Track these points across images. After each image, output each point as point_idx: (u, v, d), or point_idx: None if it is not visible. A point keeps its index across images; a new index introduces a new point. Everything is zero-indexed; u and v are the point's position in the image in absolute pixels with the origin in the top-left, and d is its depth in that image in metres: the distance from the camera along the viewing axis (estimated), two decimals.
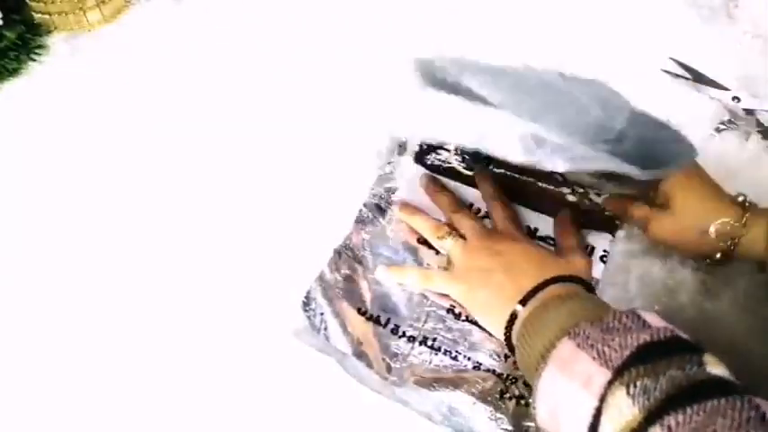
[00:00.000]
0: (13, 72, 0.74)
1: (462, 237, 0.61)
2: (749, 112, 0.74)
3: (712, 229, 0.58)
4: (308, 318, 0.60)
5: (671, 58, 0.78)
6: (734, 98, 0.74)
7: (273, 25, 0.80)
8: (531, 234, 0.65)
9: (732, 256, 0.58)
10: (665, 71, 0.77)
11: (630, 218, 0.63)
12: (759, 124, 0.73)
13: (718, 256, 0.59)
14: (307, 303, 0.61)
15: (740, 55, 0.79)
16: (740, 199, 0.59)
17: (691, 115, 0.74)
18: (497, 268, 0.57)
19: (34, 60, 0.76)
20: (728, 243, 0.58)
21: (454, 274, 0.60)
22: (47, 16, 0.77)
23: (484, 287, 0.57)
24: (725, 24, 0.81)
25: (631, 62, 0.78)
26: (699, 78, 0.76)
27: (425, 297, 0.62)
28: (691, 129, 0.72)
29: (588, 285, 0.56)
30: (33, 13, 0.78)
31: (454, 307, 0.61)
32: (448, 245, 0.61)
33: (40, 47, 0.76)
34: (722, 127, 0.73)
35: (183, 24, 0.79)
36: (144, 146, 0.70)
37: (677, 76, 0.77)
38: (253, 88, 0.75)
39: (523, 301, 0.54)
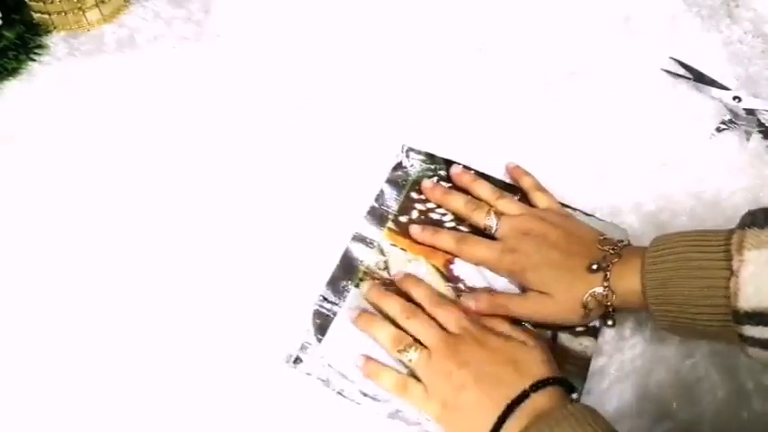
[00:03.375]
0: (13, 72, 0.74)
1: (424, 346, 0.57)
2: (750, 111, 0.74)
3: (583, 309, 0.58)
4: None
5: (671, 58, 0.78)
6: (735, 98, 0.74)
7: (279, 25, 0.80)
8: None
9: (613, 314, 0.58)
10: (666, 71, 0.77)
11: (514, 315, 0.60)
12: (760, 124, 0.73)
13: (609, 321, 0.58)
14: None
15: (741, 54, 0.79)
16: (594, 267, 0.57)
17: (691, 115, 0.74)
18: (468, 383, 0.54)
19: (34, 60, 0.75)
20: (607, 307, 0.57)
21: (427, 391, 0.55)
22: (46, 16, 0.77)
23: (459, 409, 0.54)
24: (725, 24, 0.81)
25: (631, 62, 0.78)
26: (699, 78, 0.76)
27: None
28: (691, 128, 0.73)
29: (568, 385, 0.54)
30: (33, 13, 0.77)
31: None
32: (411, 358, 0.56)
33: (39, 46, 0.76)
34: (723, 127, 0.73)
35: (182, 24, 0.79)
36: (145, 147, 0.70)
37: (678, 75, 0.77)
38: (253, 89, 0.74)
39: (503, 418, 0.51)
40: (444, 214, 0.67)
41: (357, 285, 0.62)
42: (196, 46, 0.77)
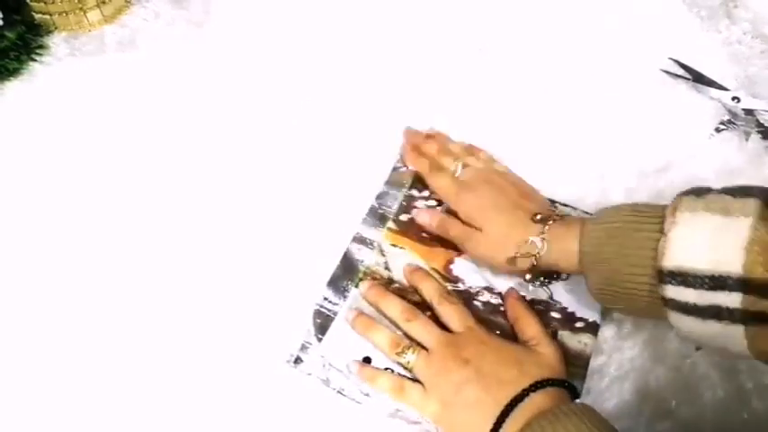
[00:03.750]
0: (14, 72, 0.74)
1: (424, 347, 0.57)
2: (749, 112, 0.74)
3: (515, 250, 0.59)
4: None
5: (671, 59, 0.78)
6: (734, 98, 0.74)
7: (279, 26, 0.80)
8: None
9: (537, 270, 0.60)
10: (665, 71, 0.77)
11: (451, 238, 0.63)
12: (759, 124, 0.73)
13: (527, 273, 0.60)
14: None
15: (740, 55, 0.79)
16: (538, 217, 0.60)
17: (690, 115, 0.74)
18: (469, 380, 0.54)
19: (35, 60, 0.75)
20: (532, 259, 0.59)
21: (427, 391, 0.55)
22: (47, 16, 0.77)
23: (458, 407, 0.54)
24: (725, 24, 0.81)
25: (631, 62, 0.78)
26: (698, 78, 0.76)
27: None
28: (690, 129, 0.73)
29: (570, 386, 0.54)
30: (34, 14, 0.77)
31: None
32: (409, 360, 0.56)
33: (40, 47, 0.76)
34: (722, 127, 0.73)
35: (183, 24, 0.79)
36: (145, 147, 0.70)
37: (677, 76, 0.77)
38: (253, 90, 0.75)
39: (503, 416, 0.52)
40: (450, 214, 0.66)
41: (357, 285, 0.63)
42: (197, 46, 0.78)
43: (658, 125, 0.73)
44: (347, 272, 0.63)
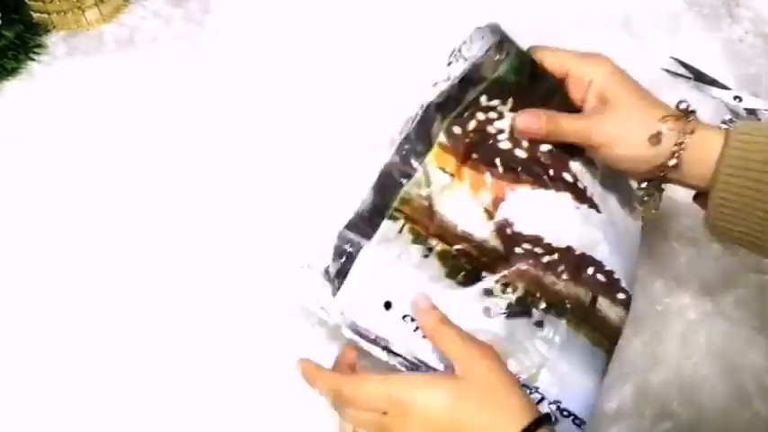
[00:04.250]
0: (12, 71, 0.74)
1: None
2: (750, 111, 0.73)
3: (663, 128, 0.51)
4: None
5: (672, 58, 0.78)
6: (735, 97, 0.74)
7: (278, 24, 0.80)
8: None
9: (677, 168, 0.52)
10: (666, 70, 0.77)
11: (567, 136, 0.54)
12: None
13: (672, 162, 0.51)
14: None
15: (741, 54, 0.79)
16: (683, 105, 0.52)
17: None
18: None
19: (33, 60, 0.75)
20: (677, 149, 0.51)
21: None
22: (45, 15, 0.77)
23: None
24: (726, 23, 0.81)
25: (631, 62, 0.78)
26: (700, 78, 0.76)
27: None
28: None
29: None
30: (32, 13, 0.77)
31: None
32: None
33: (38, 46, 0.76)
34: (724, 126, 0.73)
35: (182, 23, 0.79)
36: (144, 146, 0.70)
37: (678, 75, 0.77)
38: (252, 88, 0.74)
39: None
40: (501, 131, 0.56)
41: (391, 217, 0.54)
42: (195, 45, 0.77)
43: None
44: (382, 196, 0.54)
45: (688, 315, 0.61)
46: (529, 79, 0.56)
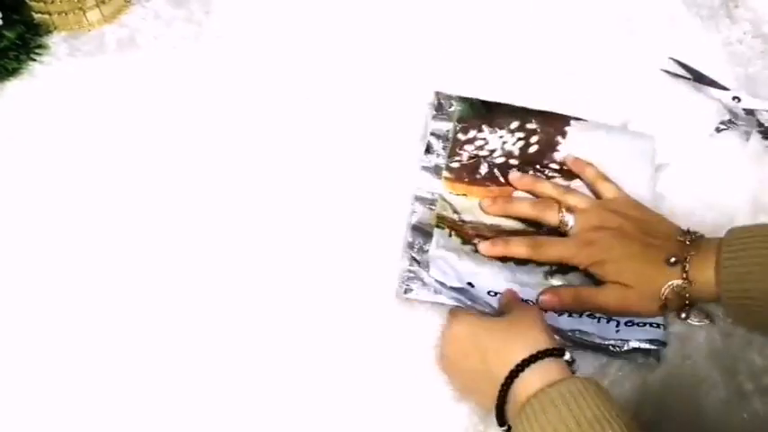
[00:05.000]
0: (14, 72, 0.74)
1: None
2: (749, 111, 0.74)
3: (665, 295, 0.58)
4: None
5: (671, 58, 0.78)
6: (734, 98, 0.74)
7: (279, 24, 0.80)
8: None
9: (689, 308, 0.59)
10: (665, 71, 0.77)
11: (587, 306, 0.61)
12: (759, 124, 0.73)
13: (684, 314, 0.60)
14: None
15: (740, 55, 0.79)
16: (672, 260, 0.58)
17: (691, 115, 0.74)
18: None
19: (34, 60, 0.75)
20: (684, 298, 0.58)
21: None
22: (47, 16, 0.77)
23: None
24: (725, 24, 0.81)
25: (631, 62, 0.78)
26: (699, 78, 0.76)
27: None
28: (691, 129, 0.73)
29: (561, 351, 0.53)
30: (33, 13, 0.77)
31: None
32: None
33: (39, 47, 0.76)
34: (722, 127, 0.73)
35: (183, 24, 0.79)
36: (145, 147, 0.70)
37: (677, 76, 0.77)
38: (254, 89, 0.74)
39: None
40: (493, 151, 0.69)
41: (437, 226, 0.65)
42: (197, 46, 0.77)
43: (659, 125, 0.73)
44: (420, 223, 0.65)
45: None
46: (486, 109, 0.72)
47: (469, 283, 0.62)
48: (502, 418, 0.52)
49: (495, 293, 0.61)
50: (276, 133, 0.71)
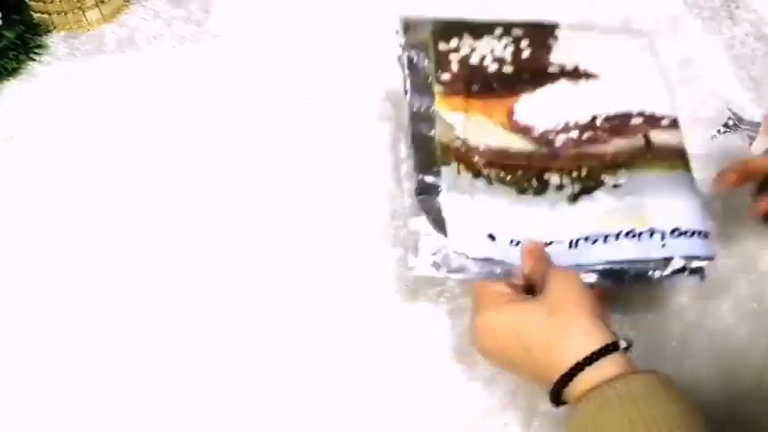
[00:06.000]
0: (13, 72, 0.74)
1: None
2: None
3: None
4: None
5: (672, 59, 0.78)
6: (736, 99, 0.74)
7: (279, 24, 0.80)
8: None
9: None
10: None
11: None
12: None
13: None
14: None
15: (742, 56, 0.79)
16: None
17: (693, 117, 0.74)
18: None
19: (34, 60, 0.76)
20: None
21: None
22: (46, 16, 0.77)
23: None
24: (726, 26, 0.81)
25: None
26: (701, 80, 0.76)
27: None
28: (693, 131, 0.73)
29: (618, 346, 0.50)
30: (32, 13, 0.78)
31: None
32: None
33: (39, 46, 0.76)
34: (725, 129, 0.73)
35: (182, 24, 0.79)
36: (145, 147, 0.70)
37: (678, 77, 0.77)
38: (253, 88, 0.74)
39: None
40: (483, 57, 0.63)
41: (444, 163, 0.58)
42: (196, 46, 0.78)
43: None
44: (426, 152, 0.59)
45: (688, 315, 0.61)
46: (463, 24, 0.64)
47: (490, 236, 0.56)
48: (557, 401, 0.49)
49: (518, 243, 0.56)
50: (275, 132, 0.71)
